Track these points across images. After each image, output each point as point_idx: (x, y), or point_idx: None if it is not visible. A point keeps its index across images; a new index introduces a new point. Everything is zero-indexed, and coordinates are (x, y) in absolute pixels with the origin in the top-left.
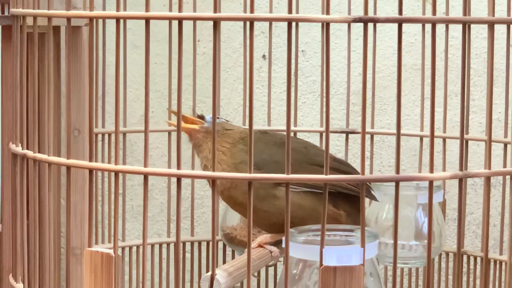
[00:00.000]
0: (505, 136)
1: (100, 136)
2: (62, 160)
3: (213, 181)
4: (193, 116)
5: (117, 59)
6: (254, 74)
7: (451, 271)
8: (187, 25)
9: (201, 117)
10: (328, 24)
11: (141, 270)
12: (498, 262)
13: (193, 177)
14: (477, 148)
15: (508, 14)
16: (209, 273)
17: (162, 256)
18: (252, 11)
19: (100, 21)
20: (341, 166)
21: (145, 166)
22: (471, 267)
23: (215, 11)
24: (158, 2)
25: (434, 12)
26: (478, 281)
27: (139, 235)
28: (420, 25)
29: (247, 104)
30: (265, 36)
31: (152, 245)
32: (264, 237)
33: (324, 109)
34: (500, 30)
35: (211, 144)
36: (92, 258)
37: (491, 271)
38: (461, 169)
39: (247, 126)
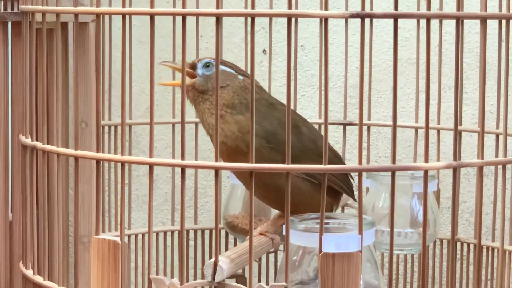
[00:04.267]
0: (497, 127)
1: (106, 128)
2: (70, 151)
3: (216, 172)
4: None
5: (123, 54)
6: (255, 68)
7: (445, 258)
8: (191, 21)
9: (193, 66)
10: (326, 20)
11: (147, 257)
12: (490, 248)
13: (196, 167)
14: (470, 139)
15: (500, 10)
16: (212, 259)
17: (166, 244)
18: (253, 7)
19: (107, 17)
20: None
21: (150, 157)
22: (465, 253)
23: (217, 7)
24: None
25: (428, 7)
26: (471, 267)
27: (145, 224)
28: (415, 20)
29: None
30: (266, 32)
31: (157, 233)
32: (265, 225)
33: (323, 102)
34: (492, 25)
35: (206, 106)
36: (99, 245)
37: (484, 258)
38: (454, 159)
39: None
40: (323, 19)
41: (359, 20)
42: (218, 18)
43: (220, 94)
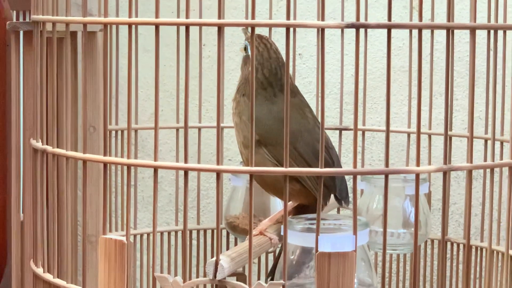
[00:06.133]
0: (486, 132)
1: (113, 132)
2: (79, 154)
3: (217, 175)
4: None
5: (129, 62)
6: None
7: (436, 257)
8: (194, 31)
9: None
10: (323, 30)
11: (151, 256)
12: (479, 248)
13: (199, 170)
14: (460, 143)
15: (488, 20)
16: (214, 258)
17: (170, 243)
18: (253, 17)
19: (114, 26)
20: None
21: (155, 160)
22: (454, 253)
23: (219, 18)
24: (166, 9)
25: (420, 18)
26: (461, 266)
27: (150, 224)
28: (407, 30)
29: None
30: None
31: (162, 233)
32: (263, 222)
33: (320, 108)
34: (481, 35)
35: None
36: (106, 244)
37: (473, 257)
38: (445, 163)
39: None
40: (320, 29)
41: (354, 30)
42: (220, 28)
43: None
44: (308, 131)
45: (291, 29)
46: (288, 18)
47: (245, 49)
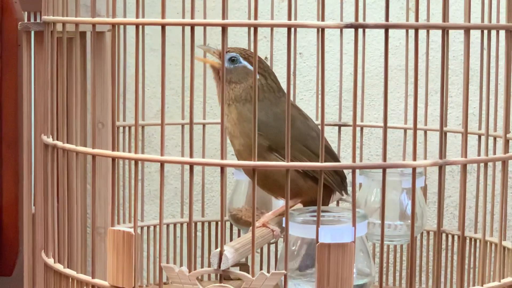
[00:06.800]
0: (479, 128)
1: (121, 128)
2: (88, 149)
3: (221, 169)
4: (216, 53)
5: (137, 61)
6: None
7: (432, 248)
8: (198, 31)
9: (220, 55)
10: (323, 30)
11: (158, 247)
12: (473, 239)
13: (203, 164)
14: (455, 139)
15: (482, 21)
16: (218, 249)
17: (176, 235)
18: (256, 18)
19: (122, 27)
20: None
21: (161, 155)
22: (449, 244)
23: (223, 18)
24: (172, 10)
25: (416, 19)
26: (455, 257)
27: (156, 216)
28: (404, 30)
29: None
30: (267, 40)
31: (168, 225)
32: (267, 215)
33: (320, 105)
34: (475, 35)
35: (222, 90)
36: (114, 236)
37: (467, 248)
38: (440, 158)
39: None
40: (320, 29)
41: (353, 30)
42: (224, 28)
43: (233, 88)
44: (314, 130)
45: (292, 29)
46: (289, 18)
47: (234, 61)
